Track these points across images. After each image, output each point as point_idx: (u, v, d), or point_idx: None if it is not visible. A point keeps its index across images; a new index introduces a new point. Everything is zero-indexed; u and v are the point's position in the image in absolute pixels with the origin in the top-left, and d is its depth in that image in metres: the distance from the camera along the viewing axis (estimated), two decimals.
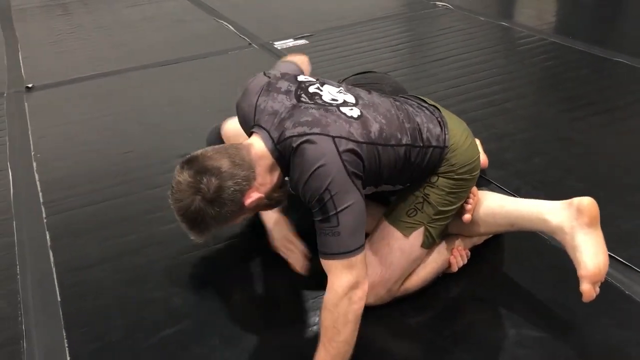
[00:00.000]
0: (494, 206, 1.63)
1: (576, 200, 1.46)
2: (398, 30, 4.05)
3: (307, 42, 3.73)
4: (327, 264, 1.36)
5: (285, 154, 1.38)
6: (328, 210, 1.32)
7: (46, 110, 3.06)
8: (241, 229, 1.96)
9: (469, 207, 1.63)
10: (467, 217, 1.62)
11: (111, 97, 3.14)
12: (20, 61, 3.77)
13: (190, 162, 1.35)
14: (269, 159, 1.40)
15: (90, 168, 2.44)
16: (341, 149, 1.33)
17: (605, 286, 1.61)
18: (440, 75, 3.12)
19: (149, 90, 3.20)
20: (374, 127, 1.42)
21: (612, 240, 1.76)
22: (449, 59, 3.37)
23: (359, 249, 1.34)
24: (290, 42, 3.72)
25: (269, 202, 1.46)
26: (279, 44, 3.70)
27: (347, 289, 1.33)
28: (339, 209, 1.31)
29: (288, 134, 1.36)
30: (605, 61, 3.14)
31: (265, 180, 1.41)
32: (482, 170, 2.17)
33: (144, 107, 3.01)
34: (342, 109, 1.42)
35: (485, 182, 2.12)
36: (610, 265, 1.67)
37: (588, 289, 1.38)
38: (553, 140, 2.41)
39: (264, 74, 1.57)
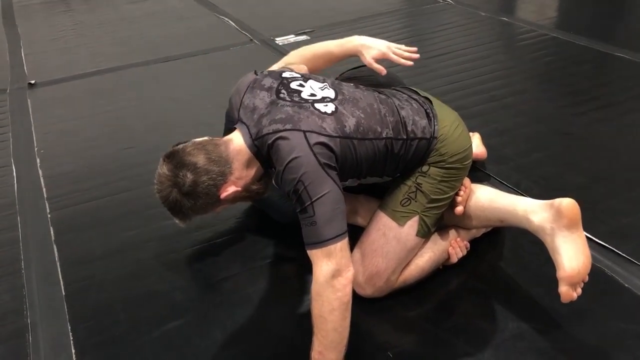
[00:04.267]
0: (484, 201, 1.65)
1: (557, 201, 1.47)
2: (400, 26, 4.06)
3: (309, 37, 3.74)
4: (310, 254, 1.40)
5: (262, 150, 1.45)
6: (304, 200, 1.36)
7: (49, 106, 3.08)
8: (242, 224, 1.98)
9: (459, 199, 1.64)
10: (459, 209, 1.64)
11: (113, 93, 3.15)
12: (23, 58, 3.78)
13: (171, 156, 1.45)
14: (246, 154, 1.48)
15: (93, 164, 2.46)
16: (312, 142, 1.38)
17: (605, 279, 1.64)
18: (440, 71, 3.12)
19: (150, 87, 3.22)
20: (350, 122, 1.47)
21: (613, 234, 1.79)
22: (449, 54, 3.38)
23: (337, 237, 1.36)
24: (291, 38, 3.73)
25: (247, 194, 1.55)
26: (280, 40, 3.71)
27: (329, 277, 1.35)
28: (313, 199, 1.35)
29: (264, 131, 1.43)
30: (606, 56, 3.15)
31: (242, 174, 1.49)
32: (482, 164, 2.19)
33: (145, 103, 3.02)
34: (317, 105, 1.47)
35: (485, 176, 2.13)
36: (611, 259, 1.70)
37: (566, 290, 1.41)
38: (554, 135, 2.42)
39: (255, 72, 1.63)
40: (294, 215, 1.88)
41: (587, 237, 1.75)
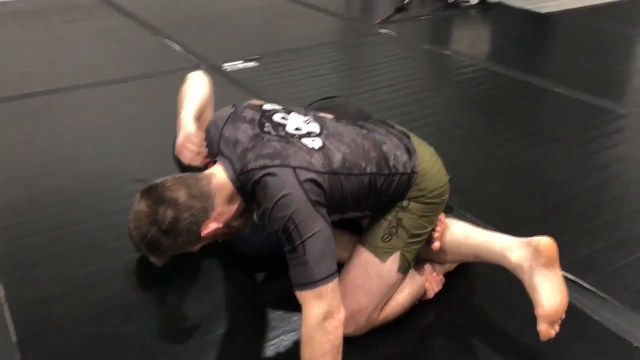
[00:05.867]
0: (459, 237, 1.66)
1: (535, 240, 1.50)
2: (346, 56, 4.12)
3: (258, 64, 3.71)
4: (299, 296, 1.36)
5: (247, 186, 1.40)
6: (294, 240, 1.32)
7: None
8: (210, 260, 1.91)
9: (437, 235, 1.66)
10: (436, 245, 1.65)
11: (56, 117, 2.98)
12: None
13: (149, 192, 1.37)
14: (229, 189, 1.42)
15: (39, 192, 2.30)
16: (302, 179, 1.35)
17: (574, 312, 1.68)
18: (390, 102, 3.18)
19: (95, 111, 3.07)
20: (337, 158, 1.45)
21: (576, 266, 1.86)
22: (398, 85, 3.45)
23: (328, 277, 1.34)
24: (240, 65, 3.69)
25: (228, 231, 1.48)
26: (228, 66, 3.66)
27: (320, 319, 1.32)
28: (304, 238, 1.32)
29: (251, 166, 1.38)
30: (546, 92, 3.32)
31: (224, 210, 1.42)
32: None
33: (92, 128, 2.88)
34: (304, 140, 1.45)
35: (448, 208, 2.16)
36: (578, 292, 1.76)
37: (545, 329, 1.43)
38: (506, 169, 2.50)
39: (233, 105, 1.58)
40: (262, 248, 1.84)
41: None
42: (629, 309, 1.70)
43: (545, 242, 1.49)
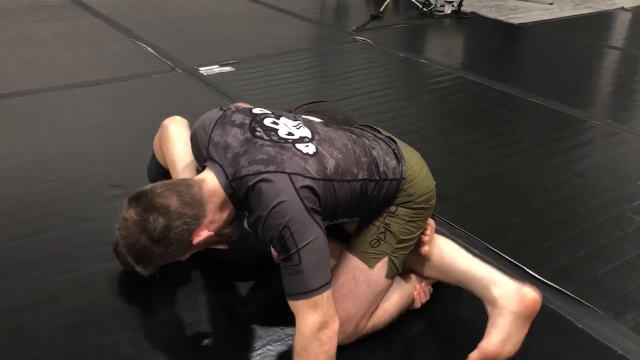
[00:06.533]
0: (447, 259, 1.63)
1: (526, 289, 1.46)
2: (322, 62, 4.11)
3: (234, 69, 3.67)
4: (293, 305, 1.32)
5: (239, 192, 1.35)
6: (289, 248, 1.29)
7: None
8: (191, 267, 1.85)
9: (426, 238, 1.64)
10: (425, 249, 1.62)
11: (26, 120, 2.88)
12: None
13: (138, 199, 1.30)
14: (221, 196, 1.37)
15: (9, 198, 2.21)
16: (297, 185, 1.31)
17: (559, 320, 1.69)
18: (369, 109, 3.17)
19: (67, 113, 2.98)
20: (330, 163, 1.42)
21: (557, 274, 1.87)
22: (375, 92, 3.45)
23: (323, 286, 1.31)
24: (216, 69, 3.64)
25: (219, 239, 1.43)
26: (204, 70, 3.61)
27: (315, 330, 1.29)
28: (299, 246, 1.28)
29: (244, 172, 1.33)
30: (522, 101, 3.36)
31: (215, 217, 1.37)
32: None
33: (63, 131, 2.79)
34: (298, 145, 1.41)
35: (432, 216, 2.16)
36: (561, 300, 1.77)
37: (474, 358, 1.42)
38: (487, 176, 2.52)
39: (220, 108, 1.53)
40: (246, 256, 1.80)
41: (535, 277, 1.84)
42: (612, 316, 1.71)
43: (534, 297, 1.45)
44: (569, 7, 5.87)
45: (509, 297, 1.46)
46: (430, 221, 1.68)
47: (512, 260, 1.93)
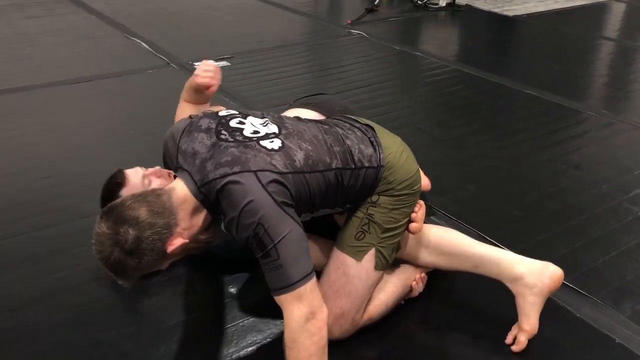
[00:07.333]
0: (464, 246, 1.65)
1: (552, 266, 1.57)
2: (317, 56, 4.10)
3: (229, 64, 3.66)
4: (279, 300, 1.33)
5: (210, 196, 1.36)
6: (265, 244, 1.29)
7: None
8: (190, 266, 1.85)
9: (414, 215, 1.60)
10: (414, 225, 1.59)
11: (20, 116, 2.87)
12: None
13: (109, 213, 1.32)
14: (192, 203, 1.37)
15: (7, 194, 2.20)
16: (264, 181, 1.31)
17: (557, 310, 1.70)
18: (364, 103, 3.17)
19: (62, 110, 2.97)
20: (299, 156, 1.41)
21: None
22: (371, 86, 3.45)
23: (305, 277, 1.31)
24: None
25: (196, 245, 1.43)
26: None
27: (303, 321, 1.30)
28: (275, 241, 1.29)
29: (211, 176, 1.34)
30: (518, 93, 3.37)
31: (189, 224, 1.38)
32: (424, 195, 2.22)
33: (59, 127, 2.78)
34: (262, 142, 1.41)
35: (428, 209, 2.16)
36: (560, 290, 1.76)
37: (524, 341, 1.55)
38: (484, 168, 2.52)
39: (189, 116, 1.54)
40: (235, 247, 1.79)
41: None
42: (610, 305, 1.72)
43: (561, 273, 1.57)
44: None
45: (538, 273, 1.55)
46: (420, 201, 1.66)
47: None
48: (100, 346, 1.54)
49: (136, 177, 1.72)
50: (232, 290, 1.76)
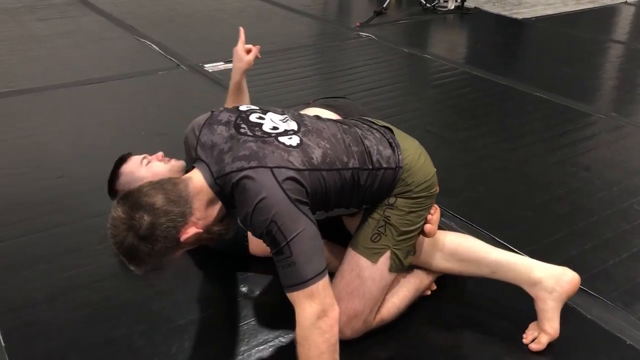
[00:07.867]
0: (481, 252, 1.65)
1: (570, 272, 1.58)
2: (327, 58, 4.11)
3: None
4: (291, 297, 1.33)
5: (225, 189, 1.37)
6: (279, 241, 1.30)
7: None
8: (201, 262, 1.87)
9: (429, 217, 1.61)
10: (428, 227, 1.60)
11: (33, 117, 2.90)
12: None
13: (126, 198, 1.33)
14: (208, 194, 1.38)
15: (19, 194, 2.23)
16: (280, 178, 1.32)
17: (568, 311, 1.70)
18: (374, 105, 3.18)
19: (74, 111, 2.99)
20: (317, 153, 1.42)
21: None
22: (380, 88, 3.46)
23: (318, 275, 1.32)
24: (221, 65, 3.65)
25: (209, 236, 1.43)
26: (209, 67, 3.62)
27: (314, 319, 1.30)
28: (289, 239, 1.29)
29: (228, 169, 1.35)
30: (527, 95, 3.37)
31: (204, 214, 1.38)
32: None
33: (70, 128, 2.80)
34: (281, 138, 1.42)
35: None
36: None
37: (545, 343, 1.56)
38: (493, 170, 2.52)
39: (211, 111, 1.55)
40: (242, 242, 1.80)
41: None
42: (621, 307, 1.72)
43: (578, 278, 1.58)
44: (572, 2, 5.86)
45: (556, 278, 1.56)
46: (435, 205, 1.67)
47: (520, 252, 1.93)
48: (113, 344, 1.55)
49: (138, 157, 1.90)
50: (244, 288, 1.77)
